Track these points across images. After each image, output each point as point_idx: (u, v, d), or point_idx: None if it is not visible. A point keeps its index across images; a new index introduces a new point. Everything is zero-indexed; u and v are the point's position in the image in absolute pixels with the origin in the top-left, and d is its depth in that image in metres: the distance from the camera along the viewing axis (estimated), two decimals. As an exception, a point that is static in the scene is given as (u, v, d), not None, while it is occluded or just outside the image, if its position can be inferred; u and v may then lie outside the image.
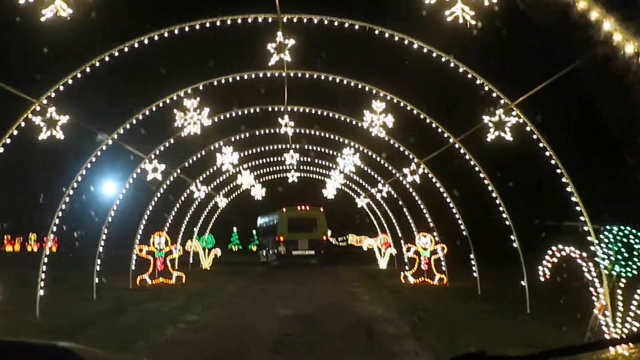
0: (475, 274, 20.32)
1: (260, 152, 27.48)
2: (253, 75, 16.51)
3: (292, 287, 23.86)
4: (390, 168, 24.54)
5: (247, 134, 23.83)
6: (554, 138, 12.85)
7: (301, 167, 32.69)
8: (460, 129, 16.50)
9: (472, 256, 20.25)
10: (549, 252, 11.89)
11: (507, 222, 16.39)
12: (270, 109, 20.38)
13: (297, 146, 26.94)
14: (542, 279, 12.10)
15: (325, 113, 20.30)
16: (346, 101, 19.00)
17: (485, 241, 20.41)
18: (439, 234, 24.13)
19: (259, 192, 34.07)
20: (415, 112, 16.79)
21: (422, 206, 24.03)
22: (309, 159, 30.12)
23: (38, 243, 69.56)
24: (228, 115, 20.11)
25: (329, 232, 47.51)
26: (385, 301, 18.92)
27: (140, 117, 16.56)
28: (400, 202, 27.27)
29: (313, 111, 20.32)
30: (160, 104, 16.57)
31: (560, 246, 11.81)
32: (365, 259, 38.71)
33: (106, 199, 21.37)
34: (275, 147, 27.12)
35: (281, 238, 37.20)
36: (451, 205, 20.41)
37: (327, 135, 23.62)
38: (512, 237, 16.31)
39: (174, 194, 27.19)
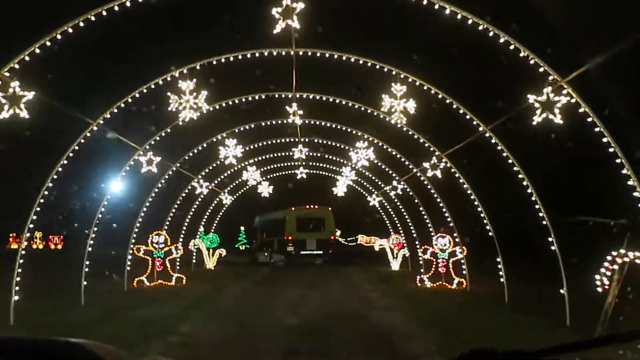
0: (502, 279, 18.14)
1: (267, 145, 25.35)
2: (257, 54, 14.46)
3: (300, 290, 21.79)
4: (407, 163, 22.40)
5: (252, 125, 21.75)
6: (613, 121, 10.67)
7: (310, 163, 30.59)
8: (493, 115, 14.32)
9: (498, 259, 18.06)
10: (609, 257, 9.77)
11: (544, 222, 14.17)
12: (277, 95, 18.32)
13: (307, 139, 24.86)
14: (599, 289, 9.98)
15: (337, 100, 18.20)
16: (362, 84, 16.87)
17: (513, 243, 18.23)
18: (459, 235, 21.94)
19: (266, 190, 32.04)
20: (440, 96, 14.68)
21: (441, 204, 21.84)
22: (319, 154, 27.98)
23: (43, 241, 67.93)
24: (230, 103, 18.05)
25: (338, 232, 46.12)
26: (404, 309, 16.87)
27: (130, 100, 14.47)
28: (417, 200, 25.11)
29: (324, 98, 18.23)
30: (152, 86, 14.49)
31: (622, 251, 9.71)
32: (377, 260, 36.62)
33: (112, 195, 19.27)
34: (283, 140, 25.05)
35: (290, 237, 35.91)
36: (476, 202, 18.25)
37: (338, 126, 21.54)
38: (550, 239, 14.09)
39: (174, 190, 25.10)
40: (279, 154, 27.75)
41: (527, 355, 2.07)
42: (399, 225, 31.91)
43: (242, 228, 58.89)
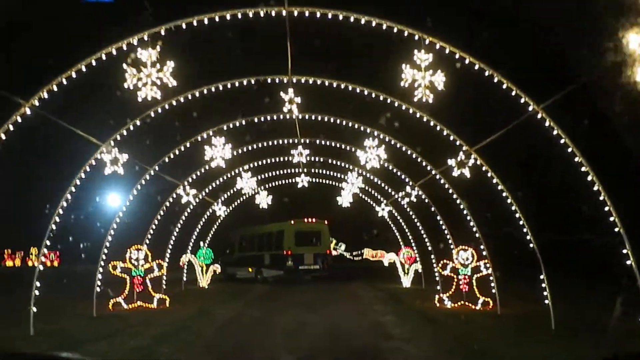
0: (546, 300, 14.49)
1: (262, 148, 21.79)
2: (239, 15, 10.96)
3: (300, 314, 18.21)
4: (424, 164, 18.78)
5: (243, 122, 18.22)
6: None
7: (312, 170, 27.03)
8: (549, 89, 10.73)
9: (542, 277, 14.48)
10: None
11: (616, 229, 10.53)
12: (269, 80, 14.79)
13: (307, 140, 21.31)
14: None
15: (342, 86, 14.66)
16: (375, 57, 13.35)
17: (563, 257, 14.61)
18: (486, 247, 18.27)
19: (264, 200, 28.42)
20: (477, 66, 11.11)
21: (465, 211, 18.22)
22: (321, 159, 24.39)
23: (39, 258, 64.44)
24: (213, 89, 14.54)
25: (343, 246, 42.82)
26: (427, 339, 13.34)
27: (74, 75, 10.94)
28: (434, 208, 21.48)
29: (326, 83, 14.68)
30: (103, 56, 10.96)
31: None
32: (386, 276, 33.05)
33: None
34: (280, 142, 21.50)
35: (289, 252, 33.04)
36: (513, 208, 14.66)
37: (344, 122, 18.04)
38: (625, 251, 10.44)
39: (155, 198, 21.53)
40: (277, 159, 24.21)
41: None
42: (410, 237, 28.24)
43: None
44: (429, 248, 24.87)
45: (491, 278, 18.26)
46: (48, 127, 12.41)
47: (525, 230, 14.52)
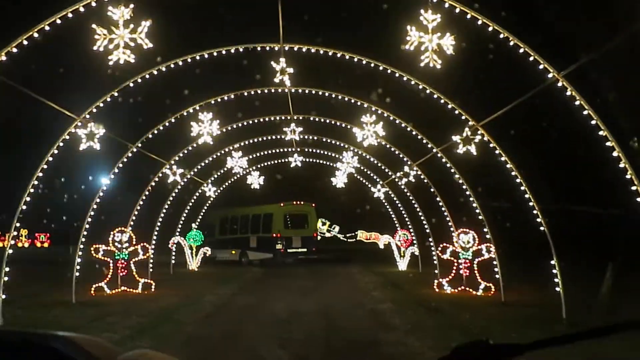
0: (558, 288, 13.32)
1: (253, 125, 20.48)
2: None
3: (293, 300, 17.08)
4: (424, 141, 17.53)
5: (232, 96, 16.92)
6: None
7: (305, 149, 25.75)
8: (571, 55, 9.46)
9: (553, 262, 13.27)
10: None
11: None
12: (259, 48, 13.48)
13: (300, 117, 20.02)
14: None
15: (339, 55, 13.36)
16: (376, 16, 12.07)
17: (577, 240, 13.44)
18: (490, 229, 17.08)
19: (256, 180, 27.15)
20: (490, 28, 9.82)
21: (467, 192, 17.01)
22: (315, 138, 23.12)
23: (29, 239, 63.19)
24: (197, 57, 13.23)
25: (337, 228, 43.76)
26: (429, 330, 12.15)
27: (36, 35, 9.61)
28: (433, 189, 20.26)
29: (321, 51, 13.37)
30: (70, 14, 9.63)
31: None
32: (381, 259, 31.92)
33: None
34: (272, 118, 20.20)
35: (278, 234, 32.52)
36: (522, 188, 13.43)
37: (339, 96, 16.77)
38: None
39: (139, 177, 20.23)
40: (269, 138, 22.93)
41: (523, 347, 1.87)
42: (407, 219, 27.05)
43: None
44: (427, 230, 23.69)
45: (495, 262, 17.08)
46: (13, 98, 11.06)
47: (535, 212, 13.28)
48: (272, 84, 14.29)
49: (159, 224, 23.66)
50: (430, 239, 23.52)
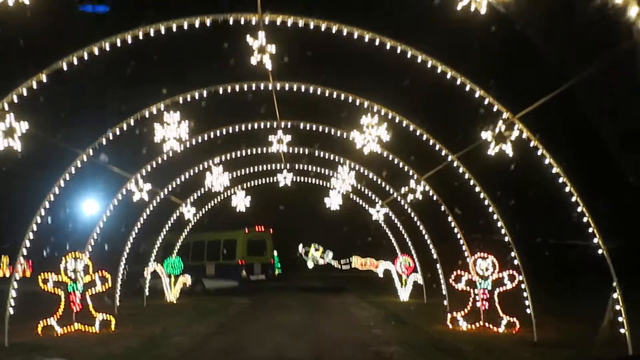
0: (622, 327, 9.99)
1: (234, 133, 17.16)
2: None
3: (280, 342, 13.75)
4: (438, 148, 14.22)
5: (205, 92, 13.66)
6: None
7: (296, 166, 22.49)
8: None
9: (615, 295, 9.94)
10: None
11: None
12: (232, 20, 10.25)
13: (289, 123, 16.81)
14: None
15: (334, 29, 10.14)
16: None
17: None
18: (517, 254, 13.77)
19: (242, 201, 23.81)
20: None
21: (490, 208, 13.74)
22: (307, 150, 19.85)
23: (11, 267, 59.44)
24: (153, 33, 10.01)
25: (330, 254, 42.65)
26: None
27: None
28: (443, 207, 16.97)
29: (311, 25, 10.17)
30: None
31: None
32: (379, 287, 28.48)
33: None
34: (255, 126, 16.94)
35: (243, 262, 30.31)
36: (574, 199, 10.13)
37: (334, 94, 13.59)
38: None
39: (97, 193, 16.87)
40: (253, 151, 19.63)
41: None
42: (410, 243, 23.67)
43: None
44: (434, 256, 20.37)
45: (525, 294, 13.74)
46: None
47: (590, 230, 9.98)
48: (249, 68, 10.97)
49: (127, 249, 20.23)
50: (438, 265, 20.22)
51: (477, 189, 13.72)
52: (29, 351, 12.40)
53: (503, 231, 13.65)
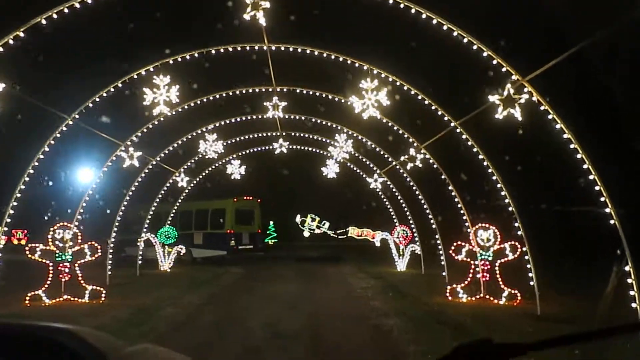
0: (635, 303, 9.45)
1: (228, 98, 16.50)
2: None
3: (275, 314, 13.24)
4: (440, 113, 13.56)
5: (196, 54, 12.94)
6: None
7: (292, 133, 21.83)
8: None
9: (628, 267, 9.37)
10: None
11: None
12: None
13: (284, 88, 16.14)
14: None
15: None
16: None
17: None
18: (521, 225, 13.21)
19: (237, 170, 23.27)
20: None
21: (494, 176, 13.14)
22: (303, 117, 19.20)
23: (6, 236, 58.51)
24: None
25: (327, 225, 41.22)
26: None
27: None
28: (444, 176, 16.39)
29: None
30: None
31: None
32: (376, 257, 28.14)
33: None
34: (251, 90, 16.25)
35: (232, 231, 30.52)
36: (585, 166, 9.52)
37: (332, 56, 12.89)
38: None
39: (86, 160, 16.24)
40: (248, 117, 18.95)
41: (526, 346, 1.81)
42: (408, 213, 23.12)
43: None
44: (433, 226, 19.83)
45: (529, 266, 13.20)
46: None
47: (603, 199, 9.39)
48: (242, 28, 10.27)
49: (119, 218, 19.65)
50: (437, 236, 19.70)
51: (481, 156, 13.09)
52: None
53: (507, 200, 13.06)
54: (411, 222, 23.28)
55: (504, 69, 9.74)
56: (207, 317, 13.18)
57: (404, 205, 23.12)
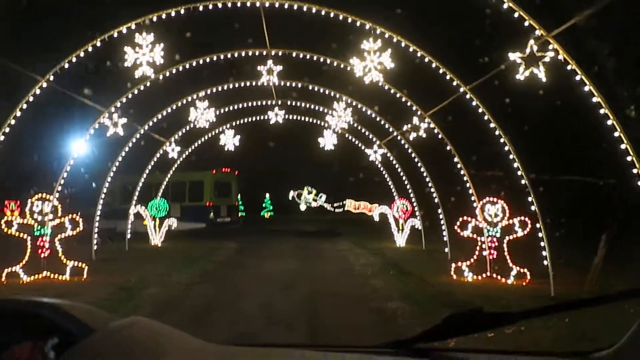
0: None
1: (218, 62, 15.26)
2: None
3: (269, 294, 12.25)
4: (448, 78, 12.36)
5: (182, 10, 11.71)
6: None
7: (288, 102, 20.63)
8: None
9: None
10: None
11: None
12: None
13: (279, 53, 14.92)
14: None
15: None
16: None
17: None
18: (535, 200, 12.11)
19: (230, 140, 22.07)
20: None
21: (506, 146, 12.01)
22: (300, 84, 18.00)
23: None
24: None
25: (324, 198, 41.40)
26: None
27: None
28: (450, 147, 15.26)
29: None
30: None
31: None
32: (374, 231, 27.09)
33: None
34: (243, 54, 15.03)
35: (211, 203, 30.39)
36: (617, 134, 8.39)
37: (331, 14, 11.68)
38: None
39: (66, 127, 15.06)
40: (240, 84, 17.74)
41: (515, 315, 1.88)
42: (408, 187, 22.00)
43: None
44: (436, 200, 18.75)
45: (542, 243, 12.13)
46: None
47: (635, 171, 8.28)
48: None
49: (105, 190, 18.51)
50: (440, 210, 18.63)
51: (492, 124, 11.93)
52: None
53: (520, 173, 11.93)
54: (412, 195, 22.18)
55: (526, 23, 8.55)
56: (194, 299, 12.07)
57: (404, 178, 21.99)
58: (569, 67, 8.44)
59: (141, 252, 20.65)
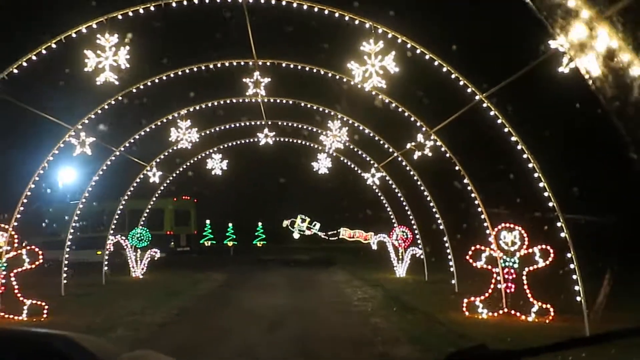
0: None
1: (200, 73, 13.48)
2: None
3: (254, 337, 10.29)
4: (462, 83, 10.58)
5: (152, 7, 9.97)
6: None
7: (278, 122, 18.84)
8: None
9: None
10: None
11: None
12: None
13: (267, 62, 13.17)
14: None
15: None
16: None
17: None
18: (565, 227, 10.28)
19: (217, 164, 20.33)
20: None
21: (530, 163, 10.22)
22: (291, 102, 16.25)
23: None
24: None
25: (318, 226, 39.39)
26: None
27: None
28: (458, 167, 13.46)
29: None
30: None
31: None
32: (372, 261, 25.30)
33: None
34: (227, 64, 13.29)
35: (171, 232, 29.90)
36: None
37: (326, 11, 9.98)
38: None
39: (21, 144, 13.21)
40: (227, 102, 16.02)
41: (519, 353, 1.82)
42: (409, 212, 20.15)
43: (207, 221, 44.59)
44: (441, 227, 16.91)
45: (574, 277, 10.26)
46: None
47: None
48: None
49: (76, 217, 16.58)
50: (445, 238, 16.77)
51: (514, 138, 10.14)
52: None
53: (546, 194, 10.12)
54: (412, 222, 20.32)
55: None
56: (168, 342, 10.15)
57: (404, 203, 20.14)
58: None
59: (118, 285, 18.69)
